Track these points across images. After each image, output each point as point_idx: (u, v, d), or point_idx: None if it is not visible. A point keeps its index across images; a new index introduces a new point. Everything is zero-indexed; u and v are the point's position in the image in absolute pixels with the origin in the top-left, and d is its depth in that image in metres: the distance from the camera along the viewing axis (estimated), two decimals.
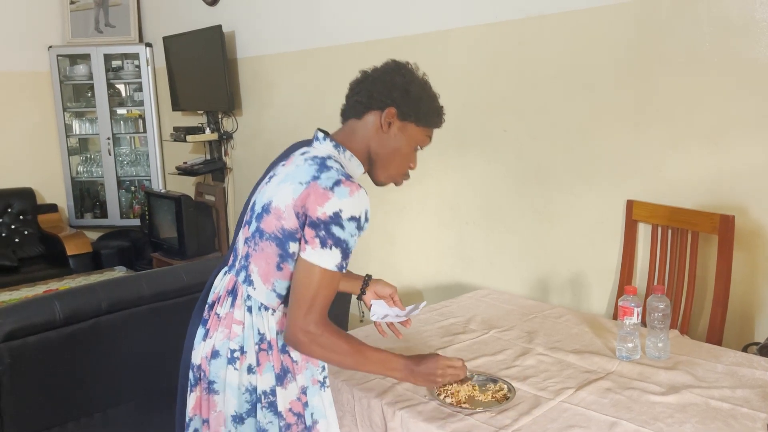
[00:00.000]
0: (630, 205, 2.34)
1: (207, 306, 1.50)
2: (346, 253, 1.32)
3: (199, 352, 1.47)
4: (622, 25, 2.30)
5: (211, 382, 1.44)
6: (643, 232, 2.36)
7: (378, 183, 1.52)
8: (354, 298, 1.76)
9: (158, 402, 2.31)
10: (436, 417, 1.53)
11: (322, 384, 1.46)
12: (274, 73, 3.94)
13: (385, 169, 1.48)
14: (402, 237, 3.26)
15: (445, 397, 1.61)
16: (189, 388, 1.51)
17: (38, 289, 3.82)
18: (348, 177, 1.35)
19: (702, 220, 2.13)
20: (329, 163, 1.37)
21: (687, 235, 2.20)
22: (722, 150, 2.10)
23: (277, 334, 1.41)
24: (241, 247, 1.45)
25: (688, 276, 2.19)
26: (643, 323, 1.91)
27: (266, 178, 1.46)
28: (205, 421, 1.48)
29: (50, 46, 4.95)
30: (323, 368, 1.46)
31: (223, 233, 4.54)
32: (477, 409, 1.54)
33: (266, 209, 1.37)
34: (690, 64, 2.14)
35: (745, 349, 1.98)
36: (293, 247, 1.35)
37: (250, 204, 1.46)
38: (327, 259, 1.31)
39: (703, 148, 2.14)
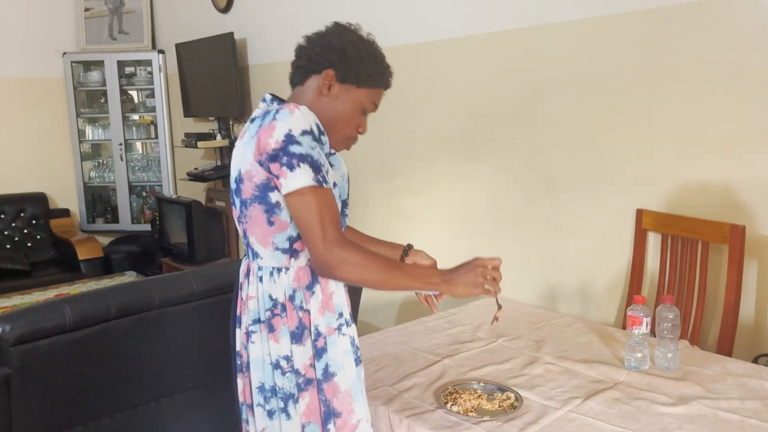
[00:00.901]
0: (640, 214, 2.33)
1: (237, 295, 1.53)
2: (316, 166, 1.30)
3: (237, 339, 1.50)
4: (631, 34, 2.29)
5: (248, 364, 1.46)
6: (653, 241, 2.35)
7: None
8: None
9: (167, 406, 2.33)
10: (443, 426, 1.53)
11: (338, 330, 1.43)
12: (284, 80, 3.92)
13: (330, 133, 1.44)
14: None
15: (452, 405, 1.60)
16: (236, 374, 1.53)
17: (50, 293, 3.85)
18: (285, 103, 1.34)
19: (712, 230, 2.12)
20: (270, 109, 1.37)
21: (697, 244, 2.18)
22: (733, 159, 2.09)
23: (294, 291, 1.40)
24: (240, 231, 1.47)
25: (699, 286, 2.17)
26: (653, 333, 1.90)
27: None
28: (250, 406, 1.49)
29: (64, 53, 5.01)
30: (341, 315, 1.44)
31: (233, 239, 4.55)
32: (484, 418, 1.54)
33: (239, 180, 1.39)
34: (700, 73, 2.13)
35: (755, 360, 1.96)
36: (274, 196, 1.34)
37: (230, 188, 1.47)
38: (302, 177, 1.28)
39: (713, 157, 2.13)
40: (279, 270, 1.41)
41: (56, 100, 5.07)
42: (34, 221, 4.84)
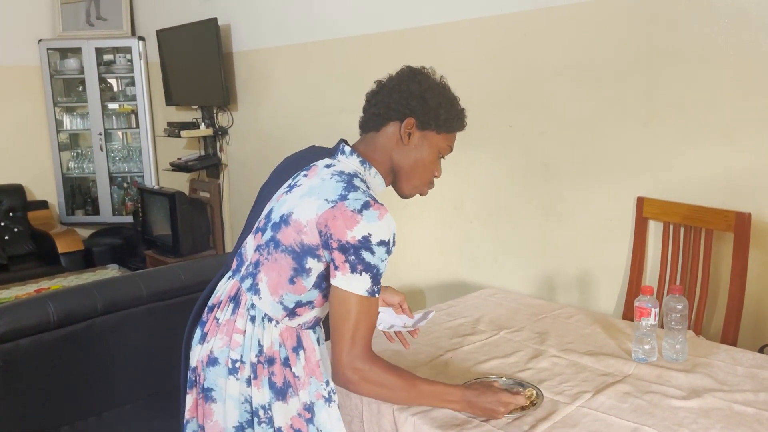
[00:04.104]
0: (640, 202, 2.29)
1: (207, 308, 1.45)
2: (376, 278, 1.27)
3: (195, 355, 1.43)
4: (633, 17, 2.24)
5: (207, 389, 1.39)
6: (654, 230, 2.31)
7: (403, 195, 1.48)
8: None
9: (155, 404, 2.25)
10: (451, 424, 1.47)
11: (328, 399, 1.39)
12: (270, 67, 3.87)
13: (409, 180, 1.44)
14: (405, 236, 3.18)
15: None
16: (186, 389, 1.47)
17: (29, 288, 3.72)
18: (375, 199, 1.29)
19: (716, 218, 2.08)
20: (356, 182, 1.32)
21: (700, 233, 2.14)
22: (737, 146, 2.05)
23: (280, 346, 1.36)
24: (250, 254, 1.38)
25: (702, 275, 2.14)
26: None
27: (285, 187, 1.39)
28: (202, 427, 1.43)
29: (40, 40, 4.85)
30: (327, 383, 1.40)
31: (218, 230, 4.46)
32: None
33: (285, 220, 1.31)
34: (704, 57, 2.08)
35: (761, 350, 1.93)
36: (311, 262, 1.29)
37: (266, 211, 1.39)
38: (358, 284, 1.25)
39: (717, 144, 2.09)
40: (270, 320, 1.35)
41: (32, 89, 4.91)
42: (11, 214, 4.70)
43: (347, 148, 1.41)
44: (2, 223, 4.66)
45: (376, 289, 1.27)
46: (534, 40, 2.53)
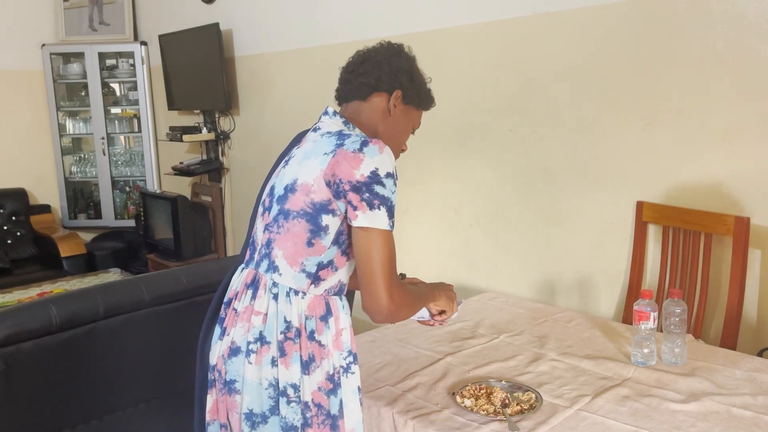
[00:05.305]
0: (640, 206, 2.30)
1: (224, 305, 1.44)
2: (391, 211, 1.29)
3: (215, 352, 1.42)
4: (632, 22, 2.25)
5: (230, 382, 1.36)
6: (654, 234, 2.31)
7: None
8: None
9: (158, 408, 2.26)
10: (451, 427, 1.48)
11: (346, 369, 1.37)
12: (272, 71, 3.88)
13: None
14: (404, 240, 3.20)
15: (464, 399, 1.56)
16: (207, 391, 1.46)
17: (31, 292, 3.73)
18: (369, 137, 1.33)
19: (715, 222, 2.08)
20: (345, 132, 1.35)
21: (700, 237, 2.15)
22: (736, 150, 2.06)
23: (307, 318, 1.34)
24: (260, 237, 1.40)
25: (701, 279, 2.15)
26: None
27: (281, 163, 1.43)
28: (224, 426, 1.41)
29: (43, 44, 4.88)
30: (349, 353, 1.38)
31: (219, 234, 4.47)
32: (497, 418, 1.49)
33: (291, 189, 1.33)
34: (703, 62, 2.09)
35: (760, 354, 1.94)
36: (326, 219, 1.30)
37: (268, 189, 1.41)
38: (379, 219, 1.27)
39: (716, 148, 2.10)
40: (296, 293, 1.34)
41: (35, 94, 4.93)
42: (14, 217, 4.71)
43: (330, 109, 1.45)
44: (5, 227, 4.67)
45: (392, 223, 1.30)
46: (534, 46, 2.54)
